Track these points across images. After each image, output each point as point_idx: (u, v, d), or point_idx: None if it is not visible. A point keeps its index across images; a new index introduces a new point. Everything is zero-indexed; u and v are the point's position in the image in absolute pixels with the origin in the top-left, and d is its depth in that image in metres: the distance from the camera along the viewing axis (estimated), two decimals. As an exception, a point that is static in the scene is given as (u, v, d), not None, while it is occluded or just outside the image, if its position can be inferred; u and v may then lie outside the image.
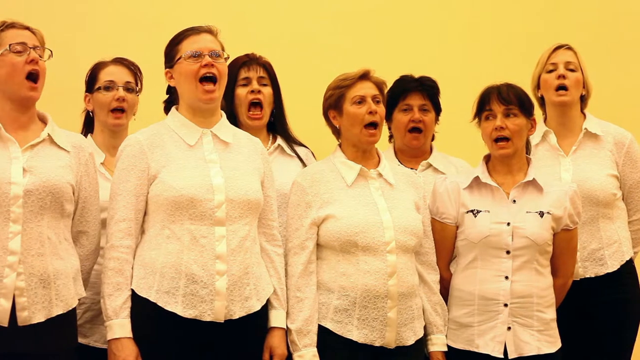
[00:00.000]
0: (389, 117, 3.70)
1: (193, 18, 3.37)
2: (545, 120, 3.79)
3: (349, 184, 3.21)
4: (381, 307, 3.11)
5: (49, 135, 3.00)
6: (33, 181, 2.89)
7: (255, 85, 3.54)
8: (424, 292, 3.27)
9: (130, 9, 4.66)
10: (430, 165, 3.71)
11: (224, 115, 3.19)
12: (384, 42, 4.75)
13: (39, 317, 2.86)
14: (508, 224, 3.28)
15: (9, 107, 2.97)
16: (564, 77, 3.69)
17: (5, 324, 2.82)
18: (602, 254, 3.61)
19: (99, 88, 3.53)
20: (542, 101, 3.79)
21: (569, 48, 3.76)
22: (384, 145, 3.75)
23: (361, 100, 3.23)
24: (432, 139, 3.79)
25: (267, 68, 3.59)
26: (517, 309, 3.26)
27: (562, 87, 3.69)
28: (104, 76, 3.54)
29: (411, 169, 3.66)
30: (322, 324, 3.12)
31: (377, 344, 3.11)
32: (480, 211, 3.32)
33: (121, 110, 3.52)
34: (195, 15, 4.25)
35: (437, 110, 3.73)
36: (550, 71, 3.72)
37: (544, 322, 3.28)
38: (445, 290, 3.35)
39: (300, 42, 4.70)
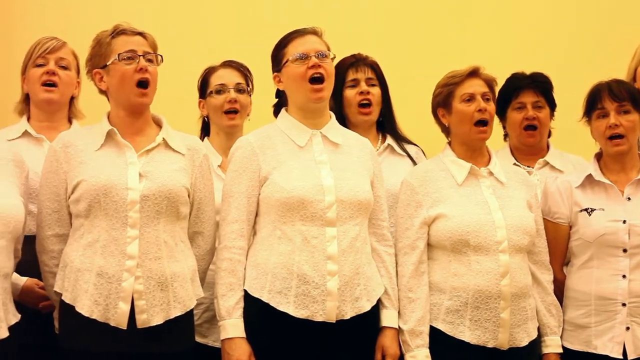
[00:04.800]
0: (502, 116, 3.67)
1: (299, 19, 3.39)
2: None
3: (460, 183, 3.18)
4: (494, 308, 3.07)
5: (163, 139, 3.05)
6: (149, 186, 2.95)
7: (363, 86, 3.53)
8: (537, 293, 3.22)
9: (242, 12, 4.72)
10: (547, 163, 3.67)
11: (334, 116, 3.20)
12: (493, 39, 4.70)
13: (158, 320, 2.92)
14: (624, 221, 3.20)
15: (123, 114, 3.04)
16: None
17: (124, 326, 2.89)
18: None
19: (211, 92, 3.59)
20: None
21: None
22: (499, 144, 3.72)
23: (470, 98, 3.19)
24: (549, 136, 3.73)
25: (375, 68, 3.58)
26: (636, 308, 3.17)
27: None
28: (215, 80, 3.60)
29: (528, 167, 3.63)
30: (434, 324, 3.10)
31: (489, 346, 3.07)
32: (595, 209, 3.25)
33: (234, 112, 3.57)
34: (302, 16, 4.29)
35: (552, 106, 3.67)
36: None
37: (663, 321, 3.20)
38: (559, 292, 3.29)
39: (407, 39, 4.68)
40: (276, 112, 3.26)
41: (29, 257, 3.07)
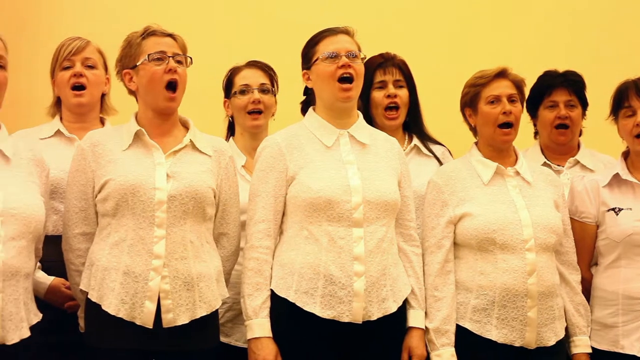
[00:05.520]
0: (534, 114, 3.65)
1: (325, 19, 3.39)
2: None
3: (486, 182, 3.18)
4: (521, 307, 3.06)
5: (190, 140, 3.06)
6: (176, 187, 2.96)
7: (391, 89, 3.52)
8: (565, 293, 3.21)
9: (267, 11, 4.73)
10: (577, 162, 3.65)
11: (361, 116, 3.20)
12: (521, 37, 4.69)
13: (183, 319, 2.92)
14: None
15: (151, 115, 3.05)
16: None
17: (151, 325, 2.89)
18: None
19: (235, 92, 3.60)
20: None
21: None
22: (529, 142, 3.70)
23: (495, 100, 3.19)
24: (580, 135, 3.71)
25: (403, 68, 3.55)
26: (663, 308, 3.16)
27: None
28: (239, 80, 3.61)
29: (558, 165, 3.61)
30: (461, 323, 3.10)
31: (517, 344, 3.06)
32: (622, 209, 3.24)
33: (258, 112, 3.58)
34: (327, 15, 4.30)
35: (584, 105, 3.65)
36: None
37: (692, 321, 3.17)
38: (586, 292, 3.27)
39: (436, 37, 4.68)
40: (304, 109, 3.26)
41: (57, 257, 3.09)
